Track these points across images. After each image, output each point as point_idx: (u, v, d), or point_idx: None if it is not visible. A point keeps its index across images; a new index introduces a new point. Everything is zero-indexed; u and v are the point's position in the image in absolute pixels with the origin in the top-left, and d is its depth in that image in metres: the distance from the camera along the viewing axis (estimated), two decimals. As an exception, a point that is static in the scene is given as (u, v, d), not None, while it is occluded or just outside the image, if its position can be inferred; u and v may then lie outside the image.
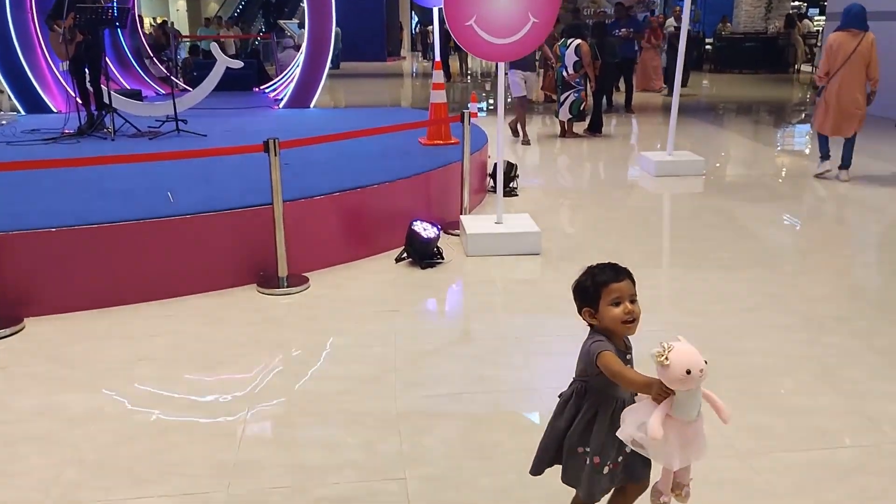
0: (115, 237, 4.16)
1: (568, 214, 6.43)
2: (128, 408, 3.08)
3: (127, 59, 12.46)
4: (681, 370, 1.65)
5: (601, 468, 1.94)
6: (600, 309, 1.89)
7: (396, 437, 2.82)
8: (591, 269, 1.96)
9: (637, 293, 1.91)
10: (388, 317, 4.03)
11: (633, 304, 1.88)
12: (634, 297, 1.90)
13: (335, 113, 10.72)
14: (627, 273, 1.93)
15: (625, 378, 1.81)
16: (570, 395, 1.99)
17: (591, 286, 1.91)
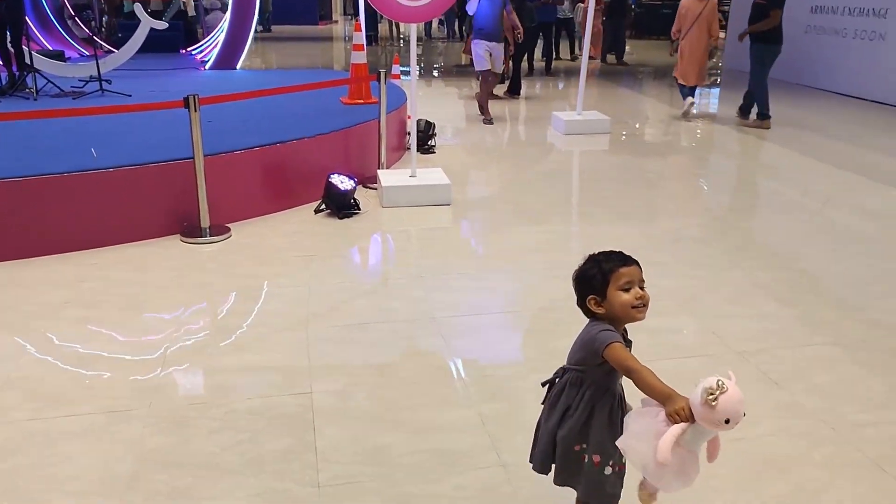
0: (40, 190, 4.33)
1: (479, 169, 6.81)
2: (55, 343, 3.33)
3: (49, 20, 12.21)
4: (723, 416, 1.51)
5: (602, 467, 1.83)
6: (609, 295, 1.79)
7: (306, 360, 3.16)
8: (594, 257, 1.86)
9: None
10: (304, 261, 4.34)
11: (643, 289, 1.81)
12: (643, 283, 1.83)
13: (261, 74, 10.80)
14: (635, 260, 1.84)
15: (643, 379, 1.67)
16: (564, 387, 1.88)
17: (598, 273, 1.81)
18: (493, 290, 3.92)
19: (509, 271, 4.19)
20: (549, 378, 1.95)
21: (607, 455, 1.82)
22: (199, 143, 4.59)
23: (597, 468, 1.82)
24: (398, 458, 2.49)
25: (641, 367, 1.68)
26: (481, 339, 3.37)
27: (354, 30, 7.45)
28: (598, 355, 1.74)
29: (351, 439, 2.60)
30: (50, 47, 11.09)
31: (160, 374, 3.05)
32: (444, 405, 2.83)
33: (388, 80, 5.96)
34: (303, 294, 3.87)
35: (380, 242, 4.87)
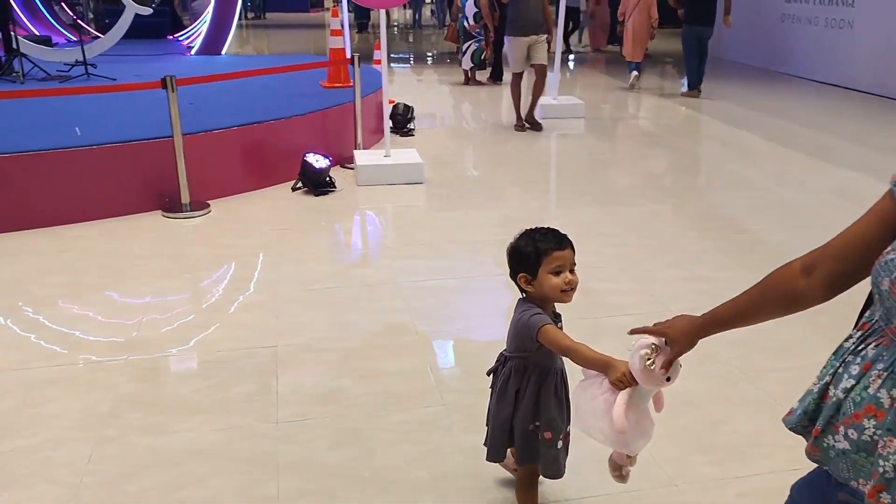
0: (25, 166, 4.57)
1: (454, 150, 7.07)
2: (40, 305, 3.58)
3: (35, 6, 12.35)
4: (663, 377, 1.58)
5: (555, 442, 1.93)
6: (539, 276, 1.84)
7: (274, 318, 3.43)
8: (530, 233, 1.91)
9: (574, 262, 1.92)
10: (279, 234, 4.60)
11: (573, 273, 1.87)
12: (574, 266, 1.89)
13: (246, 59, 11.01)
14: (570, 242, 1.89)
15: (580, 355, 1.76)
16: (509, 374, 1.95)
17: (532, 252, 1.85)
18: (452, 258, 4.19)
19: (469, 243, 4.45)
20: (492, 367, 2.04)
21: (557, 430, 1.93)
22: (177, 122, 4.82)
23: (549, 444, 1.93)
24: (351, 399, 2.76)
25: (576, 345, 1.77)
26: (437, 301, 3.64)
27: (332, 16, 7.67)
28: (534, 340, 1.83)
29: (309, 384, 2.87)
30: (37, 32, 11.24)
31: (138, 332, 3.31)
32: (396, 356, 3.10)
33: (368, 65, 6.20)
34: (275, 261, 4.13)
35: (351, 217, 5.13)
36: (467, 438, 2.50)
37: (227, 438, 2.51)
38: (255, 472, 2.34)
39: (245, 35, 18.73)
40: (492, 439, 2.04)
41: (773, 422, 2.59)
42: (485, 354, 3.09)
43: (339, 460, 2.41)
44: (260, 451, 2.45)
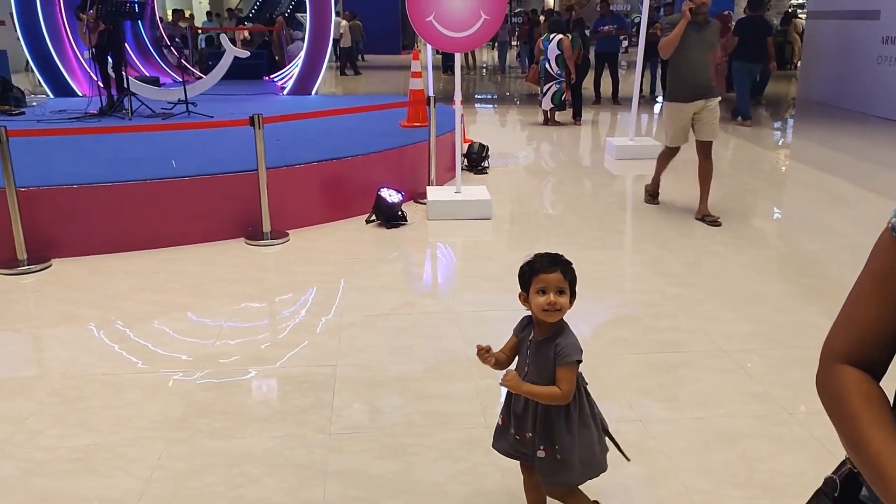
0: (126, 194, 5.02)
1: (527, 189, 7.22)
2: (130, 319, 3.93)
3: (147, 49, 13.38)
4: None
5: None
6: (530, 295, 1.99)
7: (336, 340, 3.65)
8: (535, 255, 2.03)
9: (564, 286, 1.99)
10: (350, 263, 4.86)
11: (559, 294, 1.95)
12: (563, 289, 1.96)
13: (332, 99, 11.54)
14: (563, 265, 1.98)
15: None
16: None
17: (526, 272, 2.00)
18: (511, 292, 4.30)
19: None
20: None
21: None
22: (262, 156, 5.19)
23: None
24: (400, 417, 2.93)
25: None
26: (491, 330, 3.77)
27: (413, 58, 8.03)
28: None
29: (363, 401, 3.05)
30: (147, 73, 12.17)
31: (215, 348, 3.59)
32: (447, 379, 3.25)
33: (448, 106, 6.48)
34: (345, 288, 4.38)
35: (419, 250, 5.35)
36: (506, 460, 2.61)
37: (282, 445, 2.72)
38: (304, 477, 2.53)
39: (338, 76, 19.56)
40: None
41: (815, 464, 2.60)
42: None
43: (383, 472, 2.58)
44: (311, 459, 2.64)
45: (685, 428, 2.86)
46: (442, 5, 5.50)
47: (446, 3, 5.50)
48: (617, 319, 3.94)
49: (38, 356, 3.58)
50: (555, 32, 10.35)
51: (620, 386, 3.19)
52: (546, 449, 2.07)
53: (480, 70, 22.09)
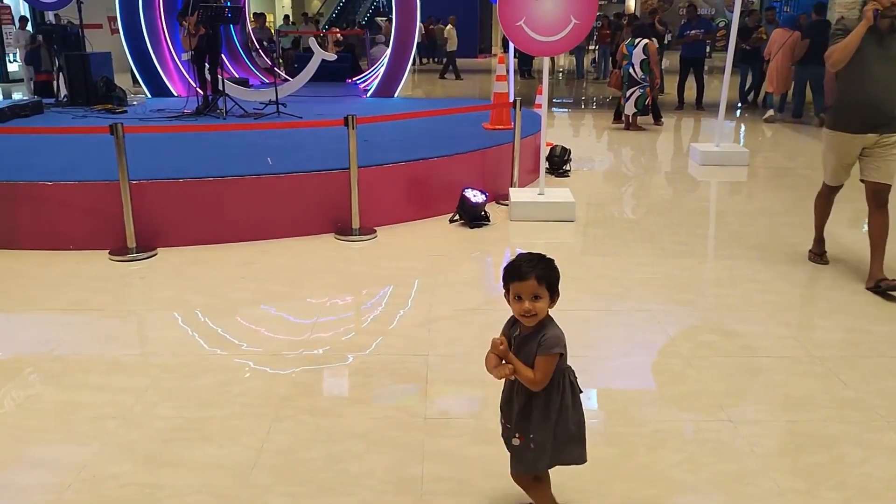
0: (226, 189, 5.29)
1: (609, 192, 7.22)
2: (234, 306, 4.16)
3: (237, 51, 13.92)
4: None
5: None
6: (508, 298, 2.08)
7: (426, 331, 3.78)
8: (516, 257, 2.10)
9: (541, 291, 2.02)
10: (435, 260, 4.99)
11: (534, 301, 2.01)
12: (539, 295, 2.01)
13: (415, 101, 11.75)
14: (538, 272, 2.02)
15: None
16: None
17: (504, 278, 2.08)
18: (595, 292, 4.37)
19: (615, 279, 4.61)
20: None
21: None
22: (354, 156, 5.38)
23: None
24: (492, 406, 3.02)
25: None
26: (576, 328, 3.83)
27: (498, 62, 8.14)
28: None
29: (455, 389, 3.17)
30: (237, 75, 12.66)
31: (312, 334, 3.78)
32: (535, 373, 3.33)
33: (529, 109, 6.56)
34: (431, 284, 4.51)
35: (502, 249, 5.44)
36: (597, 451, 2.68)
37: (381, 426, 2.86)
38: (403, 456, 2.66)
39: (417, 79, 19.87)
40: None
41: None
42: (616, 379, 3.28)
43: (477, 455, 2.68)
44: (409, 440, 2.77)
45: (776, 430, 2.87)
46: (532, 10, 5.59)
47: (536, 7, 5.58)
48: (704, 324, 3.94)
49: (151, 336, 3.84)
50: (640, 37, 10.29)
51: (709, 388, 3.21)
52: (521, 437, 2.16)
53: (557, 74, 22.04)
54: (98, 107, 9.24)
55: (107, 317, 4.02)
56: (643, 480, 2.56)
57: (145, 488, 2.50)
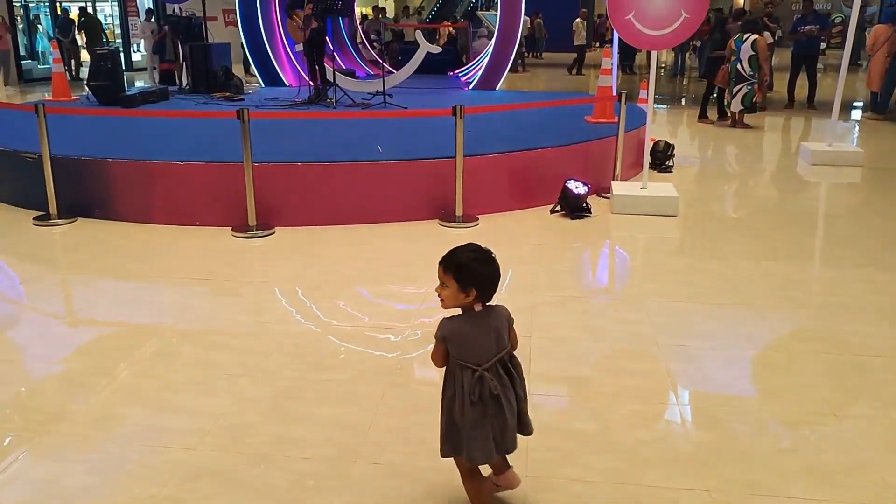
0: (338, 174, 5.58)
1: (713, 190, 7.12)
2: (348, 280, 4.42)
3: (344, 43, 14.40)
4: None
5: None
6: None
7: (529, 315, 3.92)
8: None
9: (447, 280, 2.16)
10: (537, 249, 5.12)
11: (442, 287, 2.15)
12: (445, 284, 2.14)
13: (515, 94, 11.85)
14: (444, 262, 2.16)
15: None
16: (510, 363, 2.24)
17: None
18: (700, 286, 4.38)
19: (721, 274, 4.59)
20: (478, 391, 2.12)
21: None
22: (461, 145, 5.56)
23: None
24: (593, 387, 3.14)
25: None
26: (680, 320, 3.88)
27: (603, 56, 8.14)
28: None
29: (558, 370, 3.30)
30: (343, 66, 13.11)
31: (419, 310, 3.98)
32: (637, 358, 3.42)
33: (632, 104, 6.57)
34: (532, 271, 4.64)
35: (603, 240, 5.50)
36: (699, 435, 2.76)
37: (487, 398, 3.02)
38: (509, 427, 2.81)
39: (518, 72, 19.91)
40: (512, 433, 2.23)
41: None
42: (718, 368, 3.32)
43: (580, 431, 2.81)
44: (514, 413, 2.91)
45: (884, 426, 2.85)
46: (642, 3, 5.60)
47: (647, 1, 5.59)
48: (811, 321, 3.90)
49: (274, 305, 4.14)
50: (749, 32, 10.03)
51: (814, 382, 3.21)
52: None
53: (660, 70, 21.59)
54: (217, 94, 9.80)
55: (233, 287, 4.37)
56: (745, 464, 2.61)
57: (274, 438, 2.76)
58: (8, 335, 3.81)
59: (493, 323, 2.17)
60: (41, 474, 2.56)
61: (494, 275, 2.16)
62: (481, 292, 2.14)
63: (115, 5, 21.06)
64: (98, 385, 3.16)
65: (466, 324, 2.16)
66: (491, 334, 2.15)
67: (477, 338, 2.14)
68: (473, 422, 2.13)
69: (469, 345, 2.14)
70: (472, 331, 2.14)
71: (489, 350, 2.14)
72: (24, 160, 5.89)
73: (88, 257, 4.94)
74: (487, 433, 2.14)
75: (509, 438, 2.20)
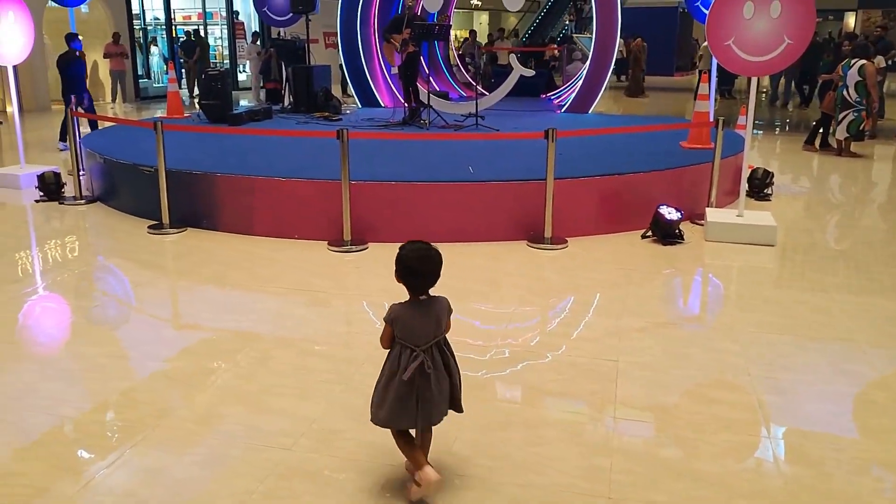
0: (430, 193, 5.72)
1: (815, 220, 6.88)
2: (435, 299, 4.52)
3: (439, 66, 14.69)
4: None
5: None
6: None
7: (616, 339, 3.91)
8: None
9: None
10: (626, 273, 5.09)
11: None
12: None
13: (609, 118, 11.78)
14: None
15: None
16: (441, 351, 2.54)
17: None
18: (795, 318, 4.26)
19: (818, 307, 4.45)
20: (411, 371, 2.41)
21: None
22: (552, 167, 5.60)
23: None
24: (681, 414, 3.11)
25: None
26: (774, 352, 3.78)
27: (701, 81, 8.02)
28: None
29: (645, 395, 3.28)
30: (437, 88, 13.37)
31: (506, 330, 4.04)
32: (727, 388, 3.37)
33: (730, 129, 6.45)
34: (620, 295, 4.62)
35: (696, 268, 5.41)
36: (791, 470, 2.70)
37: (572, 420, 3.05)
38: (593, 448, 2.84)
39: (612, 95, 19.77)
40: (438, 411, 2.51)
41: None
42: (815, 403, 3.22)
43: (666, 456, 2.79)
44: (598, 435, 2.93)
45: None
46: (743, 29, 5.52)
47: (748, 27, 5.50)
48: None
49: (366, 316, 4.31)
50: (857, 57, 9.66)
51: None
52: None
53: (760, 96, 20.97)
54: (317, 114, 10.19)
55: (328, 298, 4.55)
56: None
57: (363, 443, 2.87)
58: (121, 334, 4.09)
59: (434, 310, 2.49)
60: (150, 463, 2.75)
61: (419, 269, 2.48)
62: (407, 282, 2.49)
63: (224, 28, 22.22)
64: (202, 385, 3.37)
65: (410, 310, 2.47)
66: (432, 320, 2.46)
67: (419, 322, 2.44)
68: (402, 394, 2.43)
69: (410, 328, 2.44)
70: (414, 316, 2.45)
71: (428, 334, 2.45)
72: (141, 173, 6.31)
73: (195, 265, 5.25)
74: (412, 406, 2.45)
75: (434, 413, 2.49)
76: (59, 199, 7.14)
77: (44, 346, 3.93)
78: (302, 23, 11.72)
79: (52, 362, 3.70)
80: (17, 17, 7.73)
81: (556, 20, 30.50)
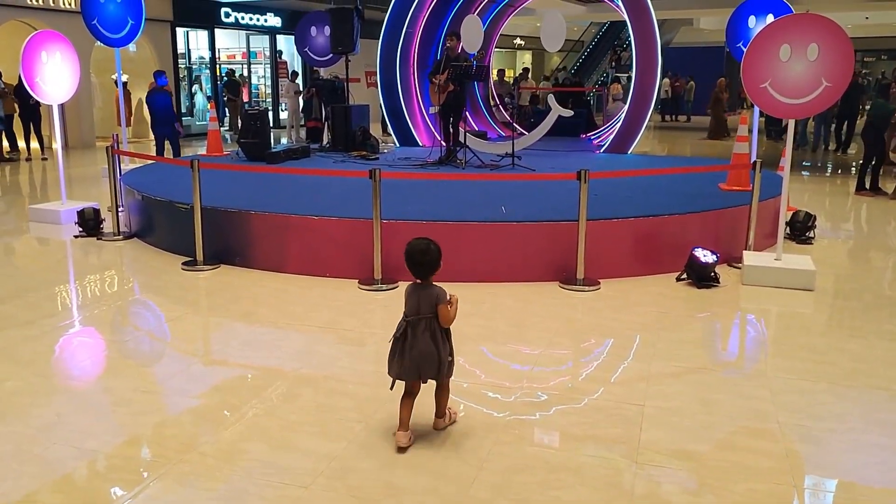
0: (462, 233, 5.75)
1: (860, 265, 6.71)
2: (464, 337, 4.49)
3: (478, 106, 14.85)
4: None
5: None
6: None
7: (644, 383, 3.84)
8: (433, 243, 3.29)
9: None
10: (658, 316, 5.01)
11: None
12: None
13: (648, 159, 11.72)
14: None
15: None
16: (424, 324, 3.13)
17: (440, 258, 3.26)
18: (833, 364, 4.13)
19: (858, 355, 4.31)
20: (400, 331, 3.15)
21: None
22: (584, 208, 5.58)
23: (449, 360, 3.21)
24: (706, 462, 3.03)
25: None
26: (806, 400, 3.67)
27: (740, 122, 7.95)
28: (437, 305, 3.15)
29: (669, 441, 3.21)
30: (476, 128, 13.50)
31: (533, 372, 4.00)
32: (755, 436, 3.27)
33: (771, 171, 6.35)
34: (651, 339, 4.55)
35: (731, 312, 5.30)
36: (818, 522, 2.60)
37: (593, 463, 3.00)
38: (613, 494, 2.78)
39: (655, 135, 19.70)
40: (414, 367, 3.14)
41: None
42: (850, 456, 3.12)
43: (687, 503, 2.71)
44: (619, 480, 2.87)
45: None
46: (780, 72, 5.48)
47: (785, 69, 5.46)
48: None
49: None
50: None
51: None
52: None
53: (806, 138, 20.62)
54: (354, 153, 10.36)
55: (355, 337, 4.58)
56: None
57: (381, 483, 2.86)
58: (151, 369, 4.17)
59: (423, 294, 3.16)
60: (171, 498, 2.78)
61: (418, 260, 3.21)
62: (409, 269, 3.22)
63: (267, 67, 22.83)
64: (227, 420, 3.40)
65: (409, 290, 3.22)
66: (419, 300, 3.15)
67: (410, 300, 3.18)
68: (392, 350, 3.18)
69: (406, 303, 3.19)
70: (410, 295, 3.19)
71: (414, 310, 3.15)
72: (177, 210, 6.48)
73: (226, 302, 5.34)
74: (400, 360, 3.15)
75: (411, 368, 3.14)
76: (98, 235, 7.36)
77: (76, 379, 4.03)
78: (343, 62, 12.00)
79: (83, 395, 3.78)
80: (63, 57, 8.05)
81: (597, 63, 30.68)
